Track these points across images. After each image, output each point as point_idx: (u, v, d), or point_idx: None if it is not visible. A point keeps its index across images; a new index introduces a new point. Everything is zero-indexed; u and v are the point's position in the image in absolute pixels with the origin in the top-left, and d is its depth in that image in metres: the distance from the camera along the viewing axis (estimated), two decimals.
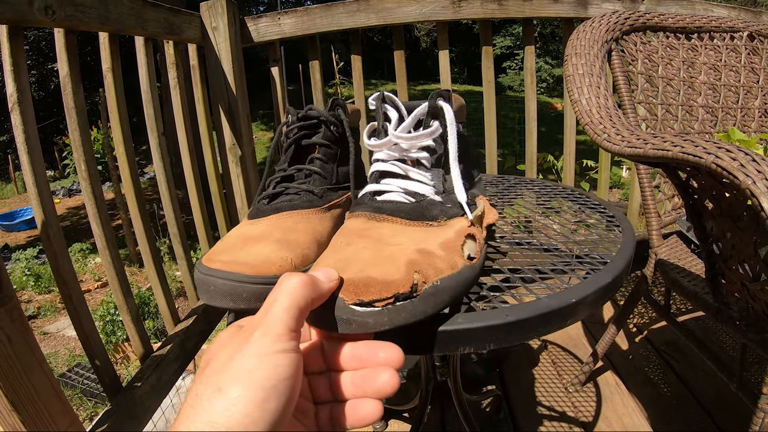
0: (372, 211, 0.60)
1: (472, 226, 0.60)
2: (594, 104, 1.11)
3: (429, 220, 0.59)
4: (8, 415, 0.95)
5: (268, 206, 0.74)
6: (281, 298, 0.40)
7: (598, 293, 0.57)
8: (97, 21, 1.33)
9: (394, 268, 0.48)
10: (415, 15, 1.90)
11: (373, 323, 0.45)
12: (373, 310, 0.45)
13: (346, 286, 0.46)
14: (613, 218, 0.88)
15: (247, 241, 0.66)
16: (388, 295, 0.46)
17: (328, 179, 0.79)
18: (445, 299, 0.50)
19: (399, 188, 0.62)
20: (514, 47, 18.81)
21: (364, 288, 0.46)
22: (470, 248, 0.57)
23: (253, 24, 1.94)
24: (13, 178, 11.26)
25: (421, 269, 0.48)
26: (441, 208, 0.61)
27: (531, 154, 2.10)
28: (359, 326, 0.45)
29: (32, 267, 5.74)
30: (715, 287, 1.01)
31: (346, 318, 0.45)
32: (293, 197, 0.75)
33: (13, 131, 1.19)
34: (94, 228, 1.44)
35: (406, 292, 0.46)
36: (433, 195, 0.61)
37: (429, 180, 0.62)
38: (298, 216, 0.72)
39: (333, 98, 0.82)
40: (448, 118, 0.62)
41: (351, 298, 0.45)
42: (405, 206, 0.60)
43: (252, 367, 0.36)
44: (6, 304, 0.93)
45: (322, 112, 0.80)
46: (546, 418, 1.47)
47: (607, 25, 1.34)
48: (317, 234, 0.71)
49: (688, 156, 0.76)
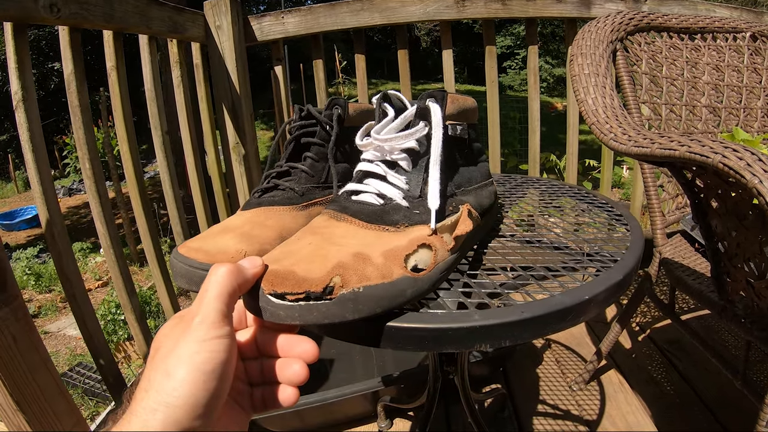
0: (337, 210, 0.61)
1: (434, 235, 0.58)
2: (600, 104, 1.11)
3: (387, 224, 0.58)
4: (13, 415, 0.95)
5: (256, 200, 0.78)
6: (211, 288, 0.45)
7: (610, 290, 0.57)
8: (102, 19, 1.33)
9: (319, 267, 0.49)
10: (419, 14, 1.91)
11: (284, 315, 0.47)
12: (285, 303, 0.47)
13: (267, 276, 0.49)
14: (620, 216, 0.88)
15: (222, 232, 0.71)
16: (299, 290, 0.47)
17: (316, 177, 0.81)
18: (371, 307, 0.49)
19: (375, 190, 0.62)
20: (515, 47, 18.83)
21: (281, 280, 0.48)
22: (420, 258, 0.55)
23: (256, 23, 1.94)
24: (13, 178, 11.25)
25: (344, 273, 0.49)
26: (405, 213, 0.59)
27: (534, 154, 2.11)
28: (271, 315, 0.48)
29: (33, 266, 5.74)
30: (721, 285, 1.01)
31: (262, 306, 0.48)
32: (277, 194, 0.78)
33: (18, 129, 1.20)
34: (98, 226, 1.44)
35: (318, 292, 0.47)
36: (400, 199, 0.60)
37: (403, 183, 0.61)
38: (271, 212, 0.75)
39: (332, 98, 0.84)
40: (434, 120, 0.61)
41: (268, 288, 0.48)
42: (369, 208, 0.60)
43: (193, 351, 0.41)
44: (11, 303, 0.94)
45: (318, 112, 0.82)
46: (550, 416, 1.48)
47: (612, 25, 1.34)
48: (284, 230, 0.73)
49: (695, 155, 0.76)
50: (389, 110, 0.64)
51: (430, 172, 0.61)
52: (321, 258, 0.50)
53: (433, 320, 0.51)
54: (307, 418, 1.39)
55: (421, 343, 0.51)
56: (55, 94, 11.46)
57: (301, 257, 0.51)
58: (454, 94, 0.67)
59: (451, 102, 0.65)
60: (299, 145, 0.82)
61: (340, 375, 1.64)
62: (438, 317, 0.51)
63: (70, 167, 8.88)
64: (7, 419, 0.96)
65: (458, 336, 0.51)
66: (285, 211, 0.76)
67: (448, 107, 0.64)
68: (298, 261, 0.50)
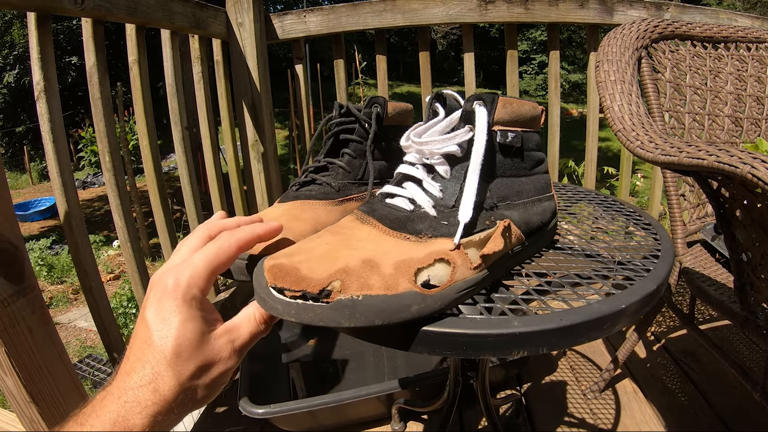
0: (365, 212, 0.60)
1: (457, 250, 0.54)
2: (626, 111, 1.10)
3: (410, 233, 0.55)
4: (26, 407, 0.94)
5: (294, 193, 0.79)
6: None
7: (644, 300, 0.57)
8: (125, 11, 1.33)
9: (324, 268, 0.49)
10: (442, 17, 1.91)
11: (281, 310, 0.48)
12: (283, 299, 0.48)
13: (272, 269, 0.50)
14: (649, 226, 0.88)
15: None
16: (296, 288, 0.47)
17: (353, 174, 0.82)
18: (369, 317, 0.48)
19: (408, 194, 0.59)
20: (531, 51, 18.80)
21: (283, 275, 0.48)
22: (435, 274, 0.52)
23: (278, 21, 1.95)
24: (28, 169, 11.35)
25: (345, 278, 0.48)
26: (431, 223, 0.56)
27: (553, 159, 2.10)
28: (270, 308, 0.49)
29: (45, 257, 5.79)
30: (743, 296, 1.00)
31: (263, 296, 0.50)
32: (314, 188, 0.79)
33: (39, 120, 1.20)
34: (117, 220, 1.44)
35: (314, 294, 0.47)
36: (429, 207, 0.57)
37: (437, 190, 0.58)
38: (307, 205, 0.76)
39: (372, 97, 0.84)
40: (478, 124, 0.58)
41: (270, 281, 0.49)
42: (396, 214, 0.58)
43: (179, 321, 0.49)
44: (28, 294, 0.93)
45: (357, 109, 0.82)
46: (564, 423, 1.47)
47: (637, 32, 1.34)
48: (318, 224, 0.72)
49: (724, 165, 0.76)
50: (440, 111, 0.62)
51: (467, 180, 0.57)
52: (330, 260, 0.50)
53: (472, 326, 0.50)
54: (321, 419, 1.39)
55: (459, 349, 0.50)
56: (72, 88, 11.56)
57: (313, 256, 0.51)
58: (509, 98, 0.62)
59: (502, 106, 0.61)
60: (338, 141, 0.83)
61: (351, 376, 1.64)
62: (477, 323, 0.51)
63: (84, 160, 8.95)
64: (19, 411, 0.95)
65: (498, 343, 0.50)
66: (320, 206, 0.76)
67: (498, 112, 0.60)
68: (308, 259, 0.50)
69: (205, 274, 0.52)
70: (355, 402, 1.35)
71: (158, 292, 0.50)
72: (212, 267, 0.52)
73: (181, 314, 0.49)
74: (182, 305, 0.49)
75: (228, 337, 0.52)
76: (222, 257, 0.53)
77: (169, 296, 0.49)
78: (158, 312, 0.49)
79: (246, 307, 0.56)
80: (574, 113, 13.56)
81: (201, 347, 0.49)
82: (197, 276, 0.51)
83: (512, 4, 1.90)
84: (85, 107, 10.56)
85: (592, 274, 0.65)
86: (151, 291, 0.51)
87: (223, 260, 0.54)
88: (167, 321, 0.49)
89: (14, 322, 0.90)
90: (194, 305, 0.50)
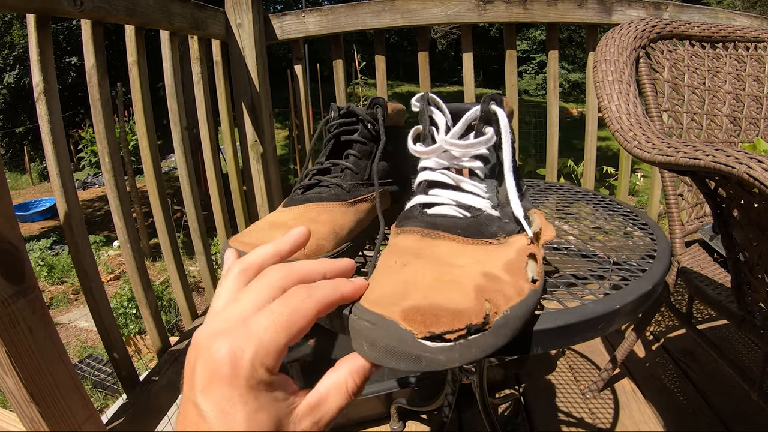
0: (425, 226, 0.55)
1: (532, 244, 0.55)
2: (624, 111, 1.11)
3: (488, 237, 0.53)
4: (26, 407, 0.94)
5: (300, 196, 0.77)
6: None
7: (639, 300, 0.57)
8: (124, 13, 1.34)
9: (462, 295, 0.42)
10: (441, 17, 1.91)
11: (444, 360, 0.39)
12: (444, 345, 0.39)
13: (412, 316, 0.40)
14: (646, 226, 0.88)
15: (272, 227, 0.69)
16: (460, 326, 0.39)
17: (360, 174, 0.81)
18: (514, 330, 0.44)
19: (451, 200, 0.57)
20: (531, 51, 18.80)
21: (434, 318, 0.40)
22: (532, 269, 0.51)
23: (277, 21, 1.95)
24: (28, 170, 11.35)
25: (491, 297, 0.43)
26: (499, 224, 0.55)
27: (552, 159, 2.10)
28: (429, 364, 0.39)
29: (45, 258, 5.79)
30: (740, 296, 1.01)
31: (416, 354, 0.39)
32: (323, 190, 0.78)
33: (39, 121, 1.20)
34: (116, 221, 1.45)
35: (479, 324, 0.40)
36: (490, 209, 0.56)
37: (484, 192, 0.58)
38: (322, 207, 0.75)
39: (373, 98, 0.84)
40: (503, 125, 0.58)
41: (420, 330, 0.39)
42: (460, 221, 0.55)
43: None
44: (28, 295, 0.93)
45: (360, 110, 0.82)
46: (563, 423, 1.47)
47: (635, 32, 1.34)
48: (336, 226, 0.72)
49: (721, 165, 0.76)
50: (437, 114, 0.62)
51: (506, 178, 0.58)
52: (452, 285, 0.44)
53: None
54: None
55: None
56: (72, 89, 11.55)
57: (430, 287, 0.44)
58: (506, 98, 0.63)
59: (505, 105, 0.61)
60: (339, 142, 0.82)
61: None
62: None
63: (84, 161, 8.94)
64: (20, 410, 0.95)
65: None
66: (335, 207, 0.75)
67: (506, 111, 0.61)
68: (430, 292, 0.43)
69: (275, 351, 0.38)
70: (355, 401, 1.35)
71: (208, 371, 0.37)
72: (286, 340, 0.39)
73: (247, 406, 0.36)
74: (247, 394, 0.36)
75: (312, 419, 0.40)
76: (299, 325, 0.39)
77: (227, 383, 0.36)
78: (215, 401, 0.36)
79: (332, 370, 0.43)
80: (574, 112, 13.55)
81: None
82: (264, 353, 0.37)
83: (511, 4, 1.90)
84: (85, 108, 10.56)
85: (588, 275, 0.66)
86: (198, 363, 0.38)
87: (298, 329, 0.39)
88: (229, 414, 0.35)
89: (15, 322, 0.90)
90: (262, 388, 0.37)
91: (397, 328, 0.40)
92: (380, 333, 0.41)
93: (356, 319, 0.43)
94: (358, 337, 0.43)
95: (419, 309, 0.40)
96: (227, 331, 0.38)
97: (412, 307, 0.41)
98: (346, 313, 0.48)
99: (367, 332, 0.42)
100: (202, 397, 0.36)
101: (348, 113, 0.83)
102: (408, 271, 0.47)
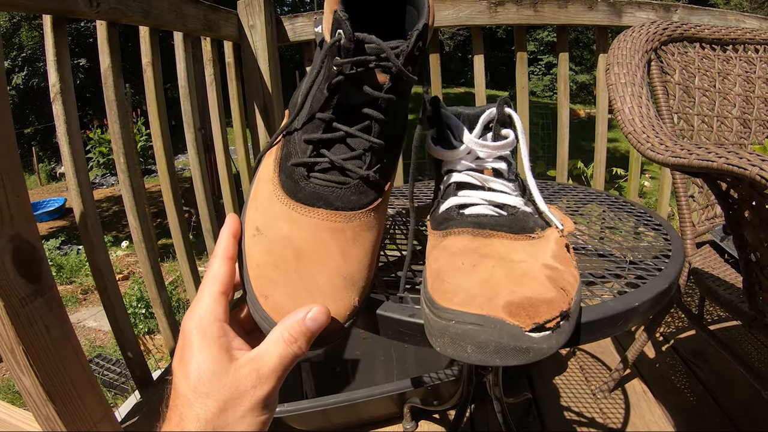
0: (473, 226, 0.56)
1: (563, 236, 0.57)
2: (637, 113, 1.12)
3: (529, 232, 0.56)
4: (43, 405, 0.94)
5: (312, 187, 0.52)
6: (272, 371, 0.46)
7: (657, 298, 0.59)
8: (140, 14, 1.35)
9: (542, 287, 0.45)
10: (452, 19, 1.92)
11: (547, 348, 0.42)
12: (546, 335, 0.41)
13: (515, 310, 0.42)
14: (659, 226, 0.89)
15: (299, 258, 0.50)
16: (556, 314, 0.42)
17: (383, 155, 0.55)
18: (578, 314, 0.47)
19: (483, 200, 0.59)
20: (538, 52, 18.75)
21: (534, 310, 0.42)
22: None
23: (289, 23, 1.96)
24: (36, 170, 11.40)
25: (563, 285, 0.46)
26: (534, 219, 0.58)
27: (562, 160, 2.11)
28: (536, 354, 0.41)
29: (54, 258, 5.82)
30: (752, 296, 1.01)
31: (525, 347, 0.41)
32: (343, 185, 0.53)
33: (55, 121, 1.21)
34: (131, 220, 1.46)
35: (566, 310, 0.43)
36: (523, 206, 0.59)
37: (512, 190, 0.60)
38: (348, 226, 0.53)
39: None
40: (519, 127, 0.61)
41: (527, 323, 0.41)
42: (502, 220, 0.57)
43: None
44: (45, 294, 0.93)
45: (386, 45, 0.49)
46: (575, 422, 1.48)
47: (647, 35, 1.35)
48: (369, 257, 0.54)
49: (733, 167, 0.77)
50: (451, 118, 0.63)
51: (527, 177, 0.62)
52: (526, 278, 0.46)
53: None
54: (333, 418, 1.40)
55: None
56: (79, 90, 11.59)
57: (508, 281, 0.46)
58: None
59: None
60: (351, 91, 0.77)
61: (361, 377, 1.65)
62: None
63: (93, 161, 8.97)
64: (36, 410, 0.95)
65: None
66: (362, 224, 0.67)
67: None
68: (515, 287, 0.45)
69: (212, 301, 0.48)
70: (368, 401, 1.36)
71: (180, 338, 0.48)
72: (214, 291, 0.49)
73: (197, 350, 0.46)
74: (199, 341, 0.46)
75: (252, 366, 0.46)
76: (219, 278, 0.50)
77: (186, 336, 0.47)
78: (178, 355, 0.47)
79: (272, 330, 0.48)
80: (582, 114, 13.51)
81: (221, 380, 0.44)
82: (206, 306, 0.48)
83: (521, 6, 1.91)
84: (93, 109, 10.60)
85: (605, 273, 0.67)
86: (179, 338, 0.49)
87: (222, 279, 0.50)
88: (185, 361, 0.46)
89: (32, 321, 0.90)
90: (210, 337, 0.46)
91: (504, 324, 0.41)
92: (489, 333, 0.42)
93: (453, 324, 0.43)
94: (460, 341, 0.43)
95: (518, 303, 0.42)
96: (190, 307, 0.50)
97: (510, 302, 0.42)
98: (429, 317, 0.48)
99: (476, 334, 0.42)
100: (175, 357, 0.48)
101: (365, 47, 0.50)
102: (481, 271, 0.49)
